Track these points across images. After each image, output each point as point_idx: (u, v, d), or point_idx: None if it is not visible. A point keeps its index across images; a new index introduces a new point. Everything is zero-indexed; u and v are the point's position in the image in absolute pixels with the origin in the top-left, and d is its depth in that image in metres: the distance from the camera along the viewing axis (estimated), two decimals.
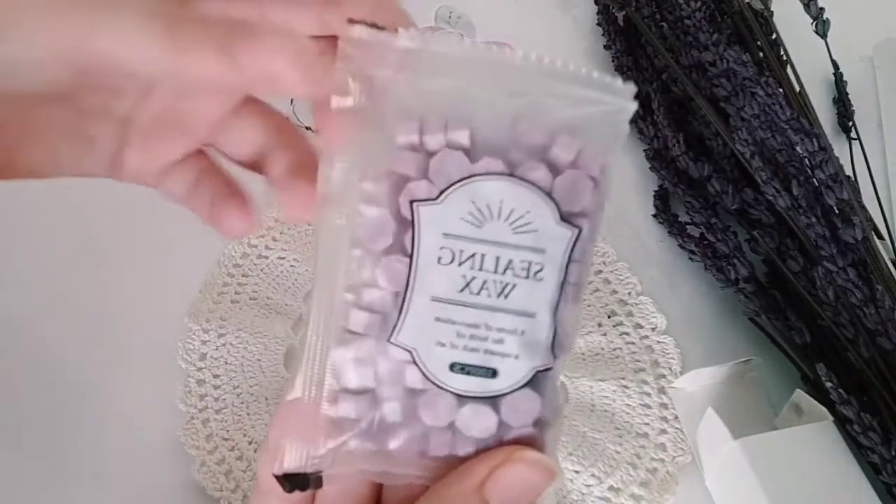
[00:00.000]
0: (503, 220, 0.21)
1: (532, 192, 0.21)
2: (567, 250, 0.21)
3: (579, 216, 0.21)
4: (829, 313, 0.41)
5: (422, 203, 0.21)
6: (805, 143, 0.43)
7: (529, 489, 0.21)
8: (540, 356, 0.22)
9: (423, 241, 0.21)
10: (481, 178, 0.21)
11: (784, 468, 0.37)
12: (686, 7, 0.50)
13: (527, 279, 0.21)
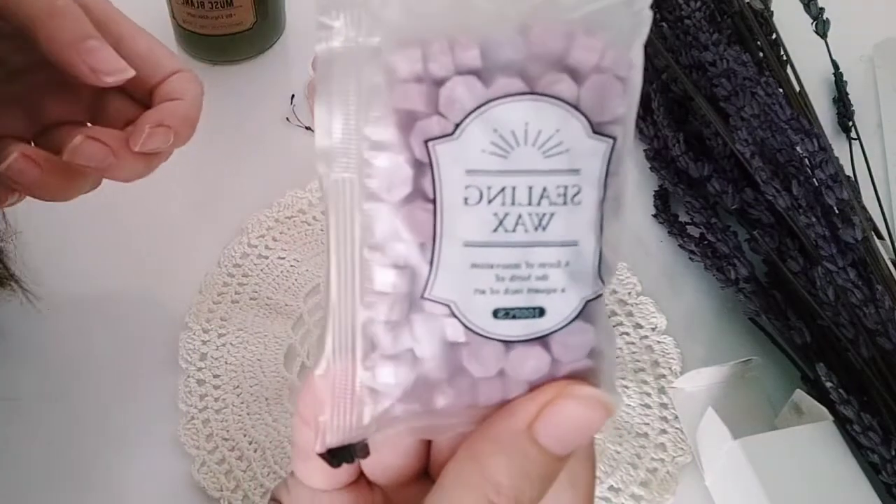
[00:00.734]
0: (531, 144, 0.19)
1: (558, 108, 0.19)
2: (604, 165, 0.19)
3: (612, 124, 0.19)
4: (829, 313, 0.41)
5: (437, 141, 0.19)
6: (805, 143, 0.43)
7: (583, 427, 0.20)
8: (588, 285, 0.20)
9: (445, 183, 0.19)
10: (500, 102, 0.19)
11: (784, 468, 0.37)
12: (686, 7, 0.50)
13: (564, 205, 0.19)
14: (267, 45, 0.58)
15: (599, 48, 0.19)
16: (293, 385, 0.42)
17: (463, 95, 0.19)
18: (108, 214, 0.49)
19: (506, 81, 0.19)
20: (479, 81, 0.19)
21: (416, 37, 0.19)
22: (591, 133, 0.19)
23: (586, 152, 0.19)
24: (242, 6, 0.54)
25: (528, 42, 0.19)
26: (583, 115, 0.19)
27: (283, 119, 0.54)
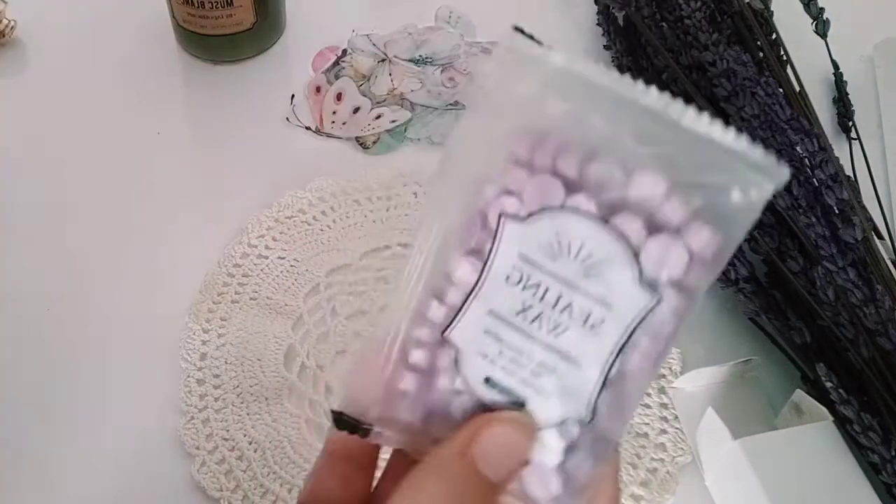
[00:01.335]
0: (578, 260, 0.20)
1: (618, 244, 0.20)
2: (639, 315, 0.20)
3: (665, 286, 0.20)
4: (829, 313, 0.41)
5: (509, 218, 0.21)
6: (805, 143, 0.43)
7: (512, 447, 0.21)
8: (576, 408, 0.21)
9: (499, 254, 0.21)
10: (571, 213, 0.20)
11: (784, 468, 0.37)
12: (686, 7, 0.50)
13: (582, 326, 0.21)
14: (267, 45, 0.58)
15: (687, 213, 0.20)
16: (293, 385, 0.42)
17: (546, 192, 0.20)
18: (109, 214, 0.49)
19: (584, 199, 0.20)
20: (564, 188, 0.20)
21: (536, 128, 0.21)
22: (638, 280, 0.20)
23: (626, 294, 0.20)
24: (242, 6, 0.54)
25: (627, 182, 0.20)
26: (637, 261, 0.20)
27: (283, 119, 0.54)
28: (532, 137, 0.21)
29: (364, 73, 0.57)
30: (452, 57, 0.58)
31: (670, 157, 0.20)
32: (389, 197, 0.50)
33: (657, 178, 0.20)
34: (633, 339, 0.21)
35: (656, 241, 0.20)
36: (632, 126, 0.20)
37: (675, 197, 0.20)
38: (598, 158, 0.20)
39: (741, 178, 0.19)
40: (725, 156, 0.19)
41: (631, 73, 0.54)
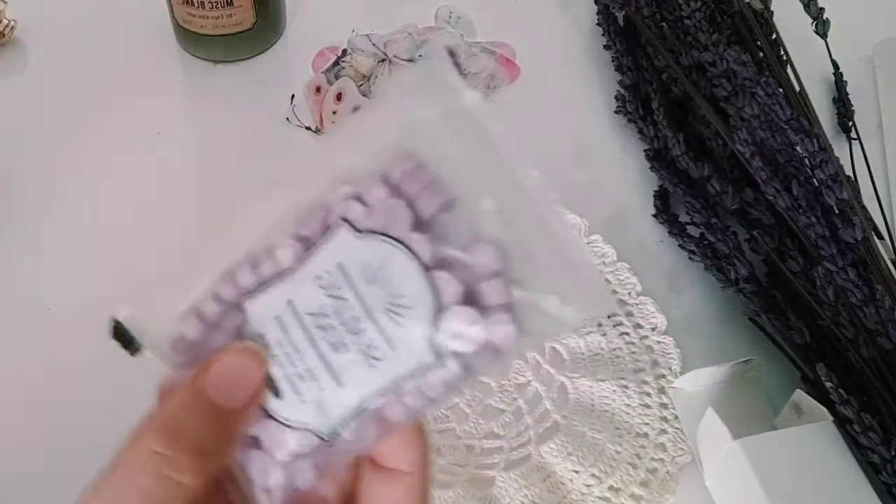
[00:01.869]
0: (388, 294, 0.20)
1: (429, 297, 0.20)
2: (415, 370, 0.20)
3: (449, 356, 0.20)
4: (829, 313, 0.41)
5: (347, 225, 0.21)
6: (805, 143, 0.43)
7: (241, 375, 0.21)
8: (323, 423, 0.21)
9: (321, 254, 0.21)
10: (404, 249, 0.20)
11: (784, 468, 0.37)
12: (686, 7, 0.50)
13: (362, 355, 0.20)
14: (267, 45, 0.58)
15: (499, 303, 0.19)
16: None
17: (392, 219, 0.20)
18: (109, 214, 0.49)
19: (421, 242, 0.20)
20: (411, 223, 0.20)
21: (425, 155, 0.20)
22: (429, 339, 0.20)
23: (413, 346, 0.20)
24: (242, 6, 0.54)
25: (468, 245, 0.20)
26: (437, 322, 0.20)
27: (283, 119, 0.54)
28: (410, 163, 0.20)
29: (364, 73, 0.57)
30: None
31: (517, 244, 0.19)
32: None
33: (495, 255, 0.19)
34: (400, 387, 0.20)
35: (461, 312, 0.19)
36: (499, 198, 0.20)
37: (499, 281, 0.19)
38: (455, 210, 0.20)
39: (566, 295, 0.19)
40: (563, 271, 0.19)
41: (631, 72, 0.54)
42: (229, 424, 0.21)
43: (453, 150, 0.20)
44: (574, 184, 0.52)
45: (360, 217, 0.20)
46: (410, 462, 0.22)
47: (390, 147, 0.21)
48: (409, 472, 0.22)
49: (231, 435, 0.21)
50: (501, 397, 0.43)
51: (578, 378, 0.43)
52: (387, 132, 0.21)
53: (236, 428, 0.21)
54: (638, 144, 0.54)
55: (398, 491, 0.22)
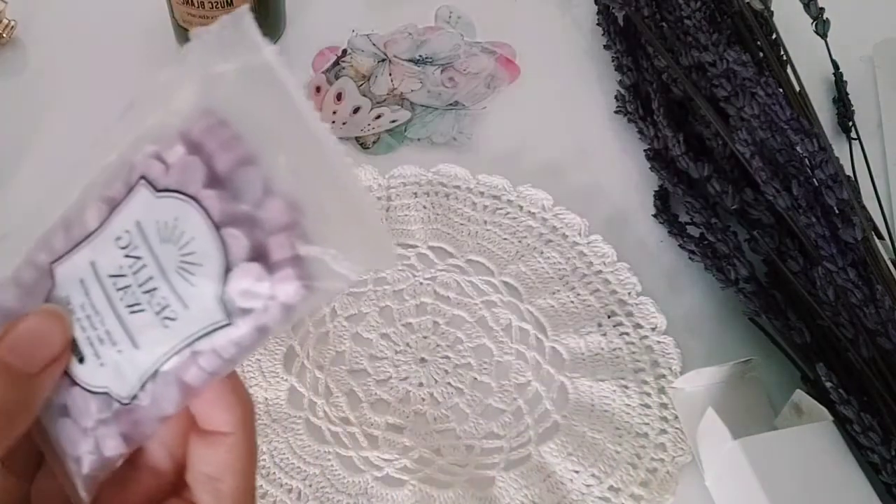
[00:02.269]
0: (181, 252, 0.20)
1: (218, 254, 0.19)
2: (206, 329, 0.20)
3: (238, 314, 0.20)
4: (829, 313, 0.41)
5: (147, 184, 0.20)
6: (805, 143, 0.43)
7: (40, 338, 0.21)
8: (119, 385, 0.21)
9: (122, 214, 0.21)
10: (196, 205, 0.20)
11: (784, 468, 0.37)
12: (686, 7, 0.50)
13: (156, 315, 0.20)
14: None
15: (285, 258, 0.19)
16: (292, 386, 0.42)
17: (187, 176, 0.20)
18: None
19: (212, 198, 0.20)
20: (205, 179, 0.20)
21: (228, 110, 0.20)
22: (219, 297, 0.20)
23: (203, 304, 0.20)
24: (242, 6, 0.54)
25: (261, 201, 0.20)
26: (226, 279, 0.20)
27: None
28: (210, 120, 0.20)
29: (364, 73, 0.57)
30: (452, 57, 0.58)
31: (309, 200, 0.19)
32: (389, 197, 0.50)
33: (284, 211, 0.19)
34: (194, 346, 0.20)
35: (248, 269, 0.19)
36: (294, 154, 0.19)
37: (286, 236, 0.19)
38: (250, 165, 0.20)
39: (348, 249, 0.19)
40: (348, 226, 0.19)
41: (631, 72, 0.54)
42: (30, 390, 0.21)
43: (253, 106, 0.20)
44: (574, 184, 0.52)
45: (159, 175, 0.20)
46: (229, 423, 0.22)
47: (192, 104, 0.20)
48: (231, 433, 0.22)
49: (32, 401, 0.21)
50: (501, 397, 0.43)
51: (578, 378, 0.43)
52: (188, 89, 0.20)
53: (37, 394, 0.21)
54: (638, 144, 0.54)
55: (220, 452, 0.22)
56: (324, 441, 0.41)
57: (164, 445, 0.23)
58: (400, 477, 0.40)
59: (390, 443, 0.41)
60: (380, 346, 0.44)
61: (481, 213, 0.50)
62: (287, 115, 0.19)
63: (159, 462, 0.23)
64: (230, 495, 0.22)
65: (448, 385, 0.43)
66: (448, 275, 0.47)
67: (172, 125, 0.20)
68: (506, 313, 0.46)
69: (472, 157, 0.53)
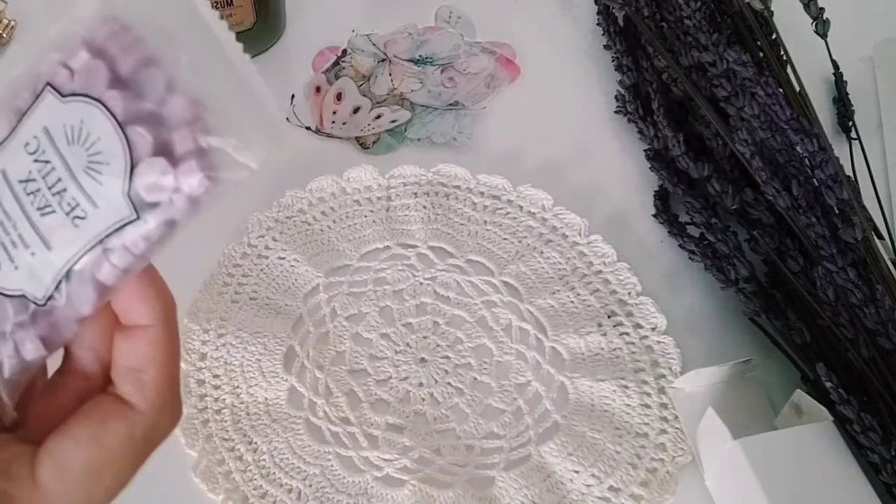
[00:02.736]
0: (87, 152, 0.20)
1: (123, 151, 0.20)
2: (116, 225, 0.21)
3: (146, 208, 0.21)
4: (829, 313, 0.41)
5: (53, 90, 0.21)
6: (805, 143, 0.43)
7: None
8: (34, 287, 0.22)
9: (29, 121, 0.21)
10: (100, 106, 0.20)
11: (784, 468, 0.37)
12: (686, 7, 0.50)
13: (66, 216, 0.21)
14: (267, 45, 0.58)
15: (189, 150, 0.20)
16: (292, 386, 0.42)
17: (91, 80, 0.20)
18: None
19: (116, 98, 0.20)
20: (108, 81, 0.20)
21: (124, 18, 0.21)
22: (126, 193, 0.20)
23: (111, 201, 0.20)
24: (242, 6, 0.54)
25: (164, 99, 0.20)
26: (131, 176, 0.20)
27: (283, 119, 0.54)
28: (113, 26, 0.21)
29: (364, 73, 0.57)
30: (452, 57, 0.58)
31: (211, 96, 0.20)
32: (389, 197, 0.50)
33: (187, 106, 0.20)
34: (105, 243, 0.21)
35: (152, 163, 0.20)
36: (195, 54, 0.20)
37: (188, 129, 0.20)
38: (153, 66, 0.20)
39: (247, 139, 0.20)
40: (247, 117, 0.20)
41: (631, 72, 0.54)
42: None
43: (155, 10, 0.20)
44: (574, 184, 0.52)
45: (65, 81, 0.21)
46: (148, 315, 0.23)
47: (95, 11, 0.21)
48: (150, 325, 0.23)
49: None
50: (501, 397, 0.43)
51: (578, 378, 0.43)
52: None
53: None
54: (638, 144, 0.54)
55: (141, 345, 0.23)
56: (324, 441, 0.41)
57: (91, 349, 0.24)
58: (400, 477, 0.40)
59: (390, 443, 0.41)
60: (380, 346, 0.44)
61: (481, 213, 0.50)
62: (188, 17, 0.20)
63: (87, 365, 0.24)
64: (152, 385, 0.23)
65: (448, 385, 0.43)
66: (448, 275, 0.47)
67: (76, 33, 0.21)
68: (506, 313, 0.46)
69: (472, 157, 0.53)
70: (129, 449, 0.23)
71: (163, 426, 0.23)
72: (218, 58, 0.20)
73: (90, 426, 0.22)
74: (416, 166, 0.51)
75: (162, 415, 0.23)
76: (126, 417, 0.23)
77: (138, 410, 0.23)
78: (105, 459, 0.22)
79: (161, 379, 0.23)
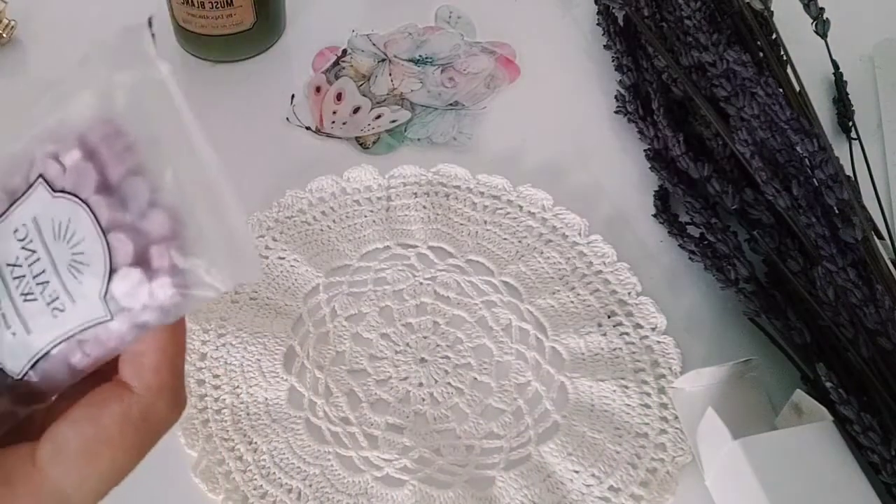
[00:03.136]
0: (72, 251, 0.22)
1: (104, 256, 0.21)
2: (91, 321, 0.22)
3: (119, 311, 0.22)
4: (829, 313, 0.41)
5: (44, 183, 0.22)
6: (805, 143, 0.43)
7: None
8: (13, 363, 0.23)
9: (21, 208, 0.22)
10: (86, 210, 0.21)
11: (784, 468, 0.37)
12: (686, 7, 0.50)
13: (47, 306, 0.22)
14: (267, 45, 0.58)
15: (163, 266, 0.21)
16: (292, 386, 0.42)
17: (81, 182, 0.22)
18: None
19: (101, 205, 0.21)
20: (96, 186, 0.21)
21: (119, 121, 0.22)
22: (102, 295, 0.21)
23: (89, 300, 0.22)
24: (242, 6, 0.54)
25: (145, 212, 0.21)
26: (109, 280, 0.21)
27: (283, 119, 0.54)
28: (108, 128, 0.22)
29: (364, 73, 0.57)
30: (452, 57, 0.58)
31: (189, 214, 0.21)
32: (389, 197, 0.50)
33: (167, 223, 0.21)
34: (81, 335, 0.22)
35: (130, 274, 0.21)
36: (180, 169, 0.21)
37: (164, 247, 0.21)
38: (139, 176, 0.21)
39: (219, 263, 0.21)
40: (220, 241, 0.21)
41: (631, 72, 0.54)
42: None
43: (147, 118, 0.21)
44: (574, 184, 0.52)
45: (56, 176, 0.22)
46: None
47: (92, 110, 0.22)
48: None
49: None
50: (501, 397, 0.43)
51: (578, 378, 0.43)
52: (89, 94, 0.22)
53: None
54: (638, 144, 0.54)
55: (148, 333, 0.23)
56: (324, 441, 0.41)
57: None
58: (400, 477, 0.40)
59: (390, 443, 0.41)
60: (380, 346, 0.44)
61: (481, 213, 0.50)
62: (176, 131, 0.21)
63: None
64: (150, 368, 0.23)
65: (448, 385, 0.43)
66: (448, 275, 0.47)
67: (73, 127, 0.22)
68: (506, 313, 0.46)
69: (472, 157, 0.53)
70: (126, 431, 0.23)
71: (160, 411, 0.23)
72: (200, 177, 0.21)
73: (88, 408, 0.23)
74: (416, 166, 0.51)
75: (159, 399, 0.23)
76: (123, 399, 0.23)
77: (135, 392, 0.23)
78: (100, 440, 0.23)
79: (161, 363, 0.23)
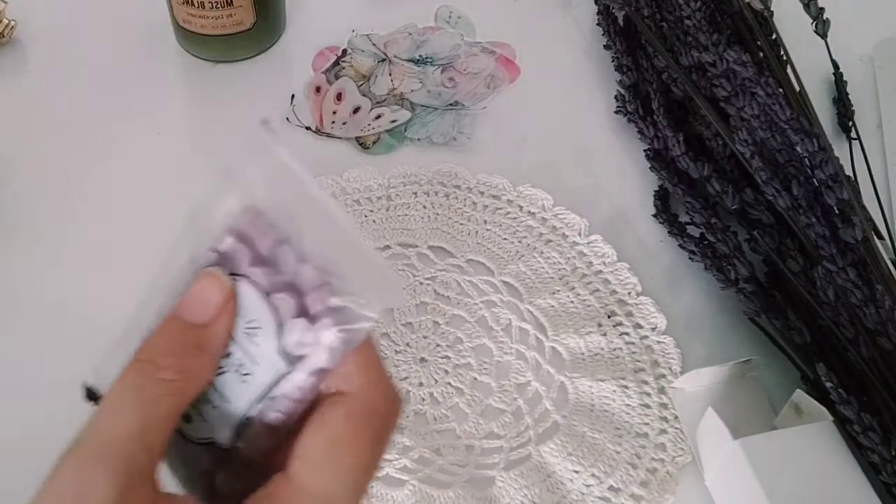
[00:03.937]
0: (245, 321, 0.24)
1: (271, 316, 0.24)
2: (275, 378, 0.24)
3: (295, 361, 0.24)
4: (829, 313, 0.41)
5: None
6: (805, 143, 0.43)
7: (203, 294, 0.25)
8: (221, 433, 0.25)
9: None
10: (248, 282, 0.24)
11: (784, 468, 0.37)
12: (686, 7, 0.50)
13: (235, 373, 0.25)
14: (267, 45, 0.58)
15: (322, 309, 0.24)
16: None
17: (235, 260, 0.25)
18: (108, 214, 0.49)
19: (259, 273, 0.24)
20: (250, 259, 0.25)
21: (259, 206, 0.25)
22: (278, 351, 0.24)
23: (268, 359, 0.24)
24: (242, 6, 0.54)
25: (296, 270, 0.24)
26: (281, 335, 0.24)
27: (283, 119, 0.54)
28: (251, 214, 0.25)
29: (364, 73, 0.57)
30: (452, 57, 0.58)
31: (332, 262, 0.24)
32: (389, 197, 0.50)
33: (315, 273, 0.24)
34: (271, 392, 0.24)
35: (295, 323, 0.24)
36: (316, 230, 0.24)
37: (319, 293, 0.24)
38: (285, 244, 0.24)
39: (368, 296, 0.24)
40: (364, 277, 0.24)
41: (631, 72, 0.54)
42: (206, 339, 0.24)
43: (280, 198, 0.25)
44: (574, 184, 0.52)
45: (212, 262, 0.25)
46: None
47: (237, 206, 0.25)
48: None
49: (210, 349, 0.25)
50: (501, 397, 0.43)
51: (578, 378, 0.43)
52: (233, 195, 0.25)
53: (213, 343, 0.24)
54: (638, 144, 0.54)
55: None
56: None
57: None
58: (400, 477, 0.40)
59: None
60: (380, 346, 0.44)
61: (481, 212, 0.50)
62: (306, 201, 0.24)
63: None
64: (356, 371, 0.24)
65: (448, 385, 0.43)
66: (448, 275, 0.47)
67: (224, 223, 0.25)
68: (506, 313, 0.46)
69: (472, 157, 0.53)
70: (357, 426, 0.24)
71: (379, 403, 0.25)
72: (334, 230, 0.24)
73: (316, 421, 0.24)
74: (416, 166, 0.51)
75: (373, 393, 0.25)
76: (343, 403, 0.24)
77: (348, 393, 0.24)
78: (336, 440, 0.24)
79: (362, 363, 0.25)
